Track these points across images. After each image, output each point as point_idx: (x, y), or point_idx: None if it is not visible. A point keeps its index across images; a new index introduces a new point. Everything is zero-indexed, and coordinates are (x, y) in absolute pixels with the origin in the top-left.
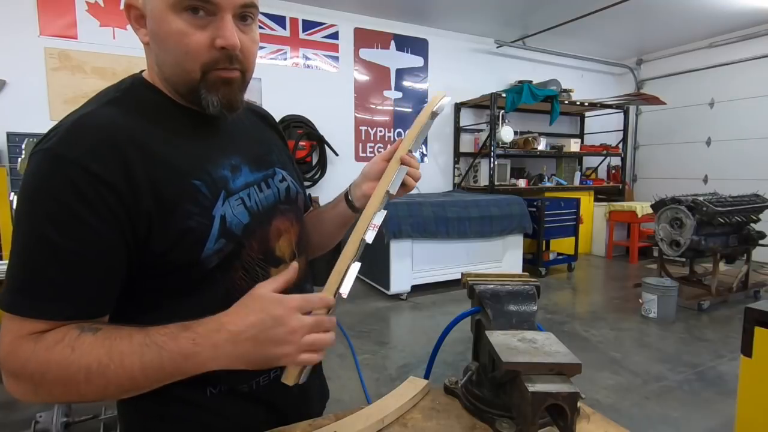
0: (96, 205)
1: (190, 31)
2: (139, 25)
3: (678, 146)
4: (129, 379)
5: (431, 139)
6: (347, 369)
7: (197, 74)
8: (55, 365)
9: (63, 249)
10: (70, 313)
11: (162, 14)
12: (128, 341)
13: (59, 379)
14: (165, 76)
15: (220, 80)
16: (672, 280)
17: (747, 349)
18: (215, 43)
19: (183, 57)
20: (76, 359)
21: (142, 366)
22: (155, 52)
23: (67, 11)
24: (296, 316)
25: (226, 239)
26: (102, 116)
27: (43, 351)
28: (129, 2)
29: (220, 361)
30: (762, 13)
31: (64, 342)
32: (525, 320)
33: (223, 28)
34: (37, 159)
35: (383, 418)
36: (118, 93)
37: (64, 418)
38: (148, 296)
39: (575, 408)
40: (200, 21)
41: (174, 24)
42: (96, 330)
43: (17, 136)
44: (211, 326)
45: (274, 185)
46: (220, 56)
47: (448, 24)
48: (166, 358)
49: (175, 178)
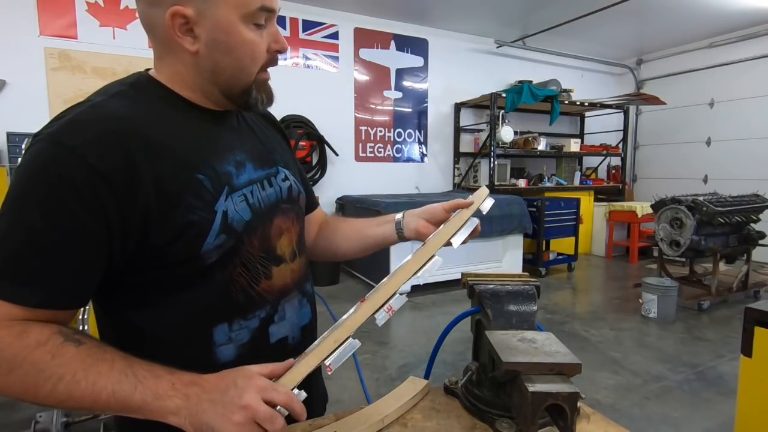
0: (86, 196)
1: (258, 40)
2: (184, 33)
3: (678, 146)
4: (92, 401)
5: (431, 139)
6: (347, 369)
7: (253, 77)
8: (29, 365)
9: (44, 236)
10: (40, 299)
11: (233, 26)
12: (109, 365)
13: (26, 378)
14: (219, 80)
15: (264, 81)
16: (672, 280)
17: (747, 349)
18: (270, 47)
19: (250, 62)
20: (53, 367)
21: (112, 393)
22: (214, 59)
23: (67, 11)
24: (254, 396)
25: (227, 235)
26: (109, 108)
27: (23, 347)
28: (176, 11)
29: (179, 416)
30: (762, 13)
31: (47, 347)
32: (525, 320)
33: (277, 34)
34: (37, 144)
35: (383, 418)
36: (124, 86)
37: (64, 418)
38: (143, 291)
39: (575, 408)
40: (261, 30)
41: (246, 35)
42: (79, 342)
43: (17, 136)
44: (192, 378)
45: (276, 184)
46: (272, 58)
47: (448, 24)
48: (139, 393)
49: (179, 172)
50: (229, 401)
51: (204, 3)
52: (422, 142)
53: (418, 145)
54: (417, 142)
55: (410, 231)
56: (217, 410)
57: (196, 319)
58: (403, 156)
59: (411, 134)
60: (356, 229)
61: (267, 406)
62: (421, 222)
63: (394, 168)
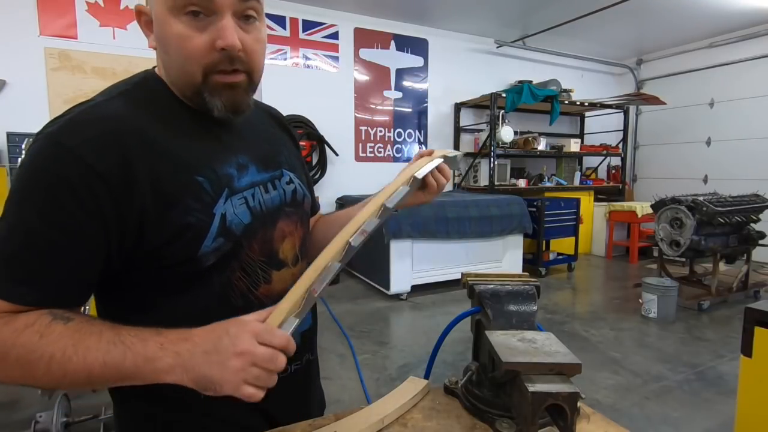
0: (83, 196)
1: (190, 34)
2: (149, 31)
3: (678, 146)
4: (87, 375)
5: (431, 139)
6: (347, 369)
7: (199, 77)
8: (20, 347)
9: (41, 235)
10: (35, 299)
11: (163, 18)
12: (97, 337)
13: (19, 362)
14: (171, 79)
15: (222, 84)
16: (672, 280)
17: (747, 349)
18: (215, 44)
19: (184, 60)
20: (42, 346)
21: (104, 364)
22: (161, 56)
23: (67, 11)
24: (249, 340)
25: (224, 238)
26: (109, 108)
27: (11, 332)
28: (139, 8)
29: (175, 373)
30: (762, 13)
31: (34, 327)
32: (525, 320)
33: (222, 29)
34: (37, 143)
35: (383, 418)
36: (128, 86)
37: (64, 418)
38: (142, 293)
39: (575, 408)
40: (200, 23)
41: (174, 27)
42: (68, 320)
43: (17, 136)
44: (181, 335)
45: (280, 187)
46: (221, 57)
47: (448, 24)
48: (129, 359)
49: (178, 173)
50: (224, 350)
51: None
52: (422, 142)
53: (418, 145)
54: (417, 142)
55: None
56: (212, 360)
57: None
58: (403, 156)
59: (411, 134)
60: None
61: (265, 348)
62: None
63: (394, 168)
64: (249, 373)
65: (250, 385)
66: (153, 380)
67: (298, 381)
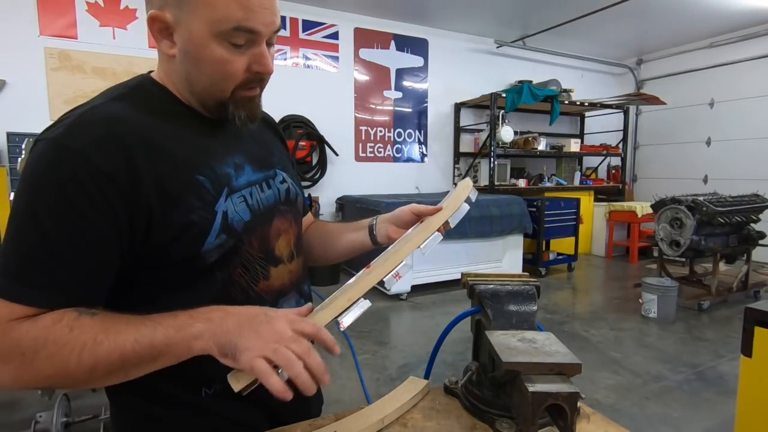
0: (94, 197)
1: (231, 59)
2: (163, 37)
3: (678, 146)
4: (120, 357)
5: (431, 140)
6: (347, 369)
7: (228, 93)
8: (51, 343)
9: (57, 238)
10: (60, 302)
11: (204, 41)
12: (126, 321)
13: (51, 357)
14: (194, 90)
15: (246, 98)
16: (672, 280)
17: (747, 349)
18: (251, 68)
19: (220, 79)
20: (73, 338)
21: (135, 340)
22: (186, 68)
23: (67, 11)
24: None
25: (227, 235)
26: (109, 110)
27: (40, 329)
28: (155, 15)
29: (203, 338)
30: (762, 13)
31: (63, 322)
32: (525, 320)
33: (262, 56)
34: (41, 147)
35: (383, 418)
36: (126, 89)
37: (64, 418)
38: (145, 289)
39: (575, 408)
40: (239, 48)
41: (217, 52)
42: (94, 314)
43: (17, 136)
44: (213, 308)
45: (275, 186)
46: (253, 78)
47: (448, 24)
48: (160, 332)
49: (179, 173)
50: (257, 322)
51: (181, 12)
52: (422, 142)
53: (418, 145)
54: (417, 142)
55: (382, 236)
56: (243, 328)
57: None
58: (403, 156)
59: (411, 134)
60: (333, 234)
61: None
62: (391, 228)
63: (394, 168)
64: (269, 348)
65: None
66: (184, 352)
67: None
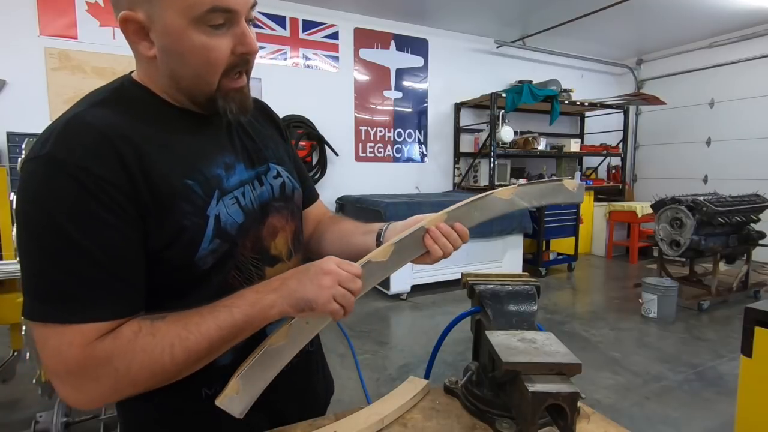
0: (109, 204)
1: (212, 44)
2: (140, 39)
3: (678, 146)
4: (207, 344)
5: (431, 140)
6: (347, 369)
7: (215, 85)
8: (140, 352)
9: (93, 250)
10: (124, 311)
11: (181, 30)
12: (197, 313)
13: (145, 364)
14: (180, 87)
15: (233, 90)
16: (672, 280)
17: (747, 349)
18: (236, 50)
19: (205, 69)
20: (159, 342)
21: (218, 326)
22: (169, 66)
23: (67, 11)
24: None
25: (221, 239)
26: (92, 116)
27: (125, 343)
28: (126, 17)
29: (277, 305)
30: (762, 13)
31: (143, 331)
32: (525, 320)
33: (243, 35)
34: (36, 166)
35: (383, 418)
36: (106, 94)
37: (64, 418)
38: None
39: (575, 408)
40: (219, 31)
41: (196, 39)
42: (163, 318)
43: (17, 136)
44: (267, 281)
45: (267, 182)
46: (239, 61)
47: (448, 24)
48: (237, 313)
49: (168, 177)
50: (314, 273)
51: (152, 6)
52: (422, 142)
53: (418, 145)
54: (417, 142)
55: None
56: (305, 283)
57: None
58: (403, 156)
59: (411, 134)
60: (343, 234)
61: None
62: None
63: (394, 168)
64: (336, 291)
65: (337, 303)
66: (262, 321)
67: (299, 373)
